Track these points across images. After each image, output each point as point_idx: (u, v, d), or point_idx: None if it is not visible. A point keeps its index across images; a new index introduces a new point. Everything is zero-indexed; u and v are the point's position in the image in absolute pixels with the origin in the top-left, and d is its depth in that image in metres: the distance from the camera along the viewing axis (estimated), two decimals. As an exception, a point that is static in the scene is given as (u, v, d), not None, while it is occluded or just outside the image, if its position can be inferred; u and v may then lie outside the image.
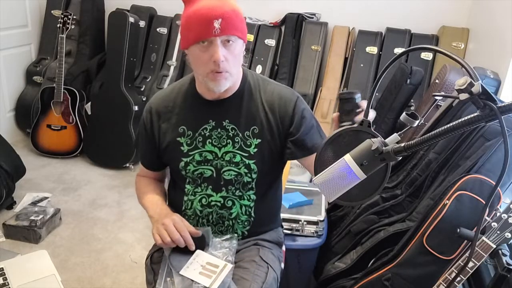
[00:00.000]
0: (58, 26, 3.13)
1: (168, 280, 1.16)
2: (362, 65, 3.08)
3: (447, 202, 1.38)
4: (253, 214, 1.31)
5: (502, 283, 1.28)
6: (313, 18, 3.28)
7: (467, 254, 1.22)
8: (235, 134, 1.25)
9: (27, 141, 3.37)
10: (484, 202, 1.34)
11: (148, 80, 3.41)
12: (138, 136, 1.39)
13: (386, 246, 1.61)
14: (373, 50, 3.09)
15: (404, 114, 1.41)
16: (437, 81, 2.34)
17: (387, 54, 3.06)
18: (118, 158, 3.18)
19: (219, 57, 1.10)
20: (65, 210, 2.58)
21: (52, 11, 3.48)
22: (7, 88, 3.37)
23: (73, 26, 3.18)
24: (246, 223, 1.32)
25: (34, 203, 2.56)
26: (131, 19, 3.10)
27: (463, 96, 0.65)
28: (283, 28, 3.31)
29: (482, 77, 2.14)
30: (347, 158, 0.73)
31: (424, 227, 1.42)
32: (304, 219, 1.80)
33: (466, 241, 1.32)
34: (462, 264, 1.18)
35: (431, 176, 1.69)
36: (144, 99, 3.27)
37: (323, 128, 1.34)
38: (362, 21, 3.20)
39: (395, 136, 0.74)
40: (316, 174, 0.77)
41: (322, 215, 1.83)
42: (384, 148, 0.72)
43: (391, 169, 0.78)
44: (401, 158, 0.73)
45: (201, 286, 1.13)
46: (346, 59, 3.17)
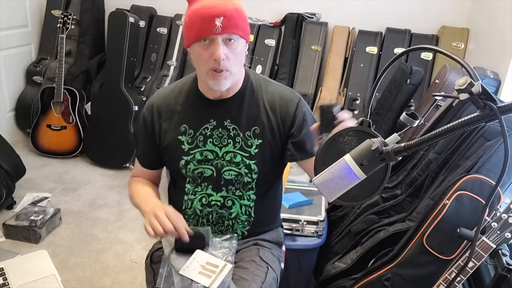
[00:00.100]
0: (58, 26, 3.13)
1: (168, 280, 1.16)
2: (362, 65, 3.08)
3: (447, 202, 1.38)
4: (253, 214, 1.31)
5: (502, 283, 1.28)
6: (313, 18, 3.28)
7: (467, 254, 1.22)
8: (236, 134, 1.25)
9: (27, 141, 3.37)
10: (484, 202, 1.34)
11: (148, 80, 3.41)
12: (137, 133, 1.37)
13: (386, 246, 1.61)
14: (373, 50, 3.09)
15: (404, 114, 1.40)
16: (437, 81, 2.34)
17: (387, 54, 3.06)
18: (118, 158, 3.19)
19: (220, 55, 1.10)
20: (65, 210, 2.58)
21: (52, 11, 3.48)
22: (7, 88, 3.37)
23: (73, 26, 3.18)
24: (246, 223, 1.32)
25: (34, 203, 2.56)
26: (131, 19, 3.10)
27: (463, 96, 0.65)
28: (283, 28, 3.31)
29: (482, 77, 2.14)
30: (347, 158, 0.73)
31: (424, 227, 1.42)
32: (304, 219, 1.80)
33: (466, 241, 1.32)
34: (462, 264, 1.18)
35: (431, 176, 1.69)
36: (144, 99, 3.27)
37: (323, 127, 1.33)
38: (362, 21, 3.20)
39: (395, 136, 0.74)
40: (316, 174, 0.77)
41: (322, 215, 1.83)
42: (384, 148, 0.72)
43: (391, 169, 0.78)
44: (401, 158, 0.73)
45: (200, 286, 1.13)
46: (346, 59, 3.16)
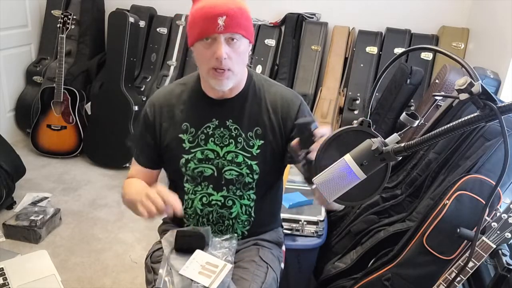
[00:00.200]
0: (58, 26, 3.13)
1: (167, 279, 1.16)
2: (362, 65, 3.08)
3: (447, 202, 1.38)
4: (253, 214, 1.31)
5: (502, 283, 1.28)
6: (313, 18, 3.28)
7: (467, 254, 1.22)
8: (238, 134, 1.25)
9: (27, 141, 3.37)
10: (484, 202, 1.34)
11: (148, 80, 3.41)
12: (137, 131, 1.35)
13: (386, 246, 1.61)
14: (373, 50, 3.09)
15: (404, 114, 1.40)
16: (437, 81, 2.34)
17: (387, 54, 3.06)
18: (118, 158, 3.18)
19: (222, 54, 1.10)
20: (65, 210, 2.58)
21: (52, 11, 3.48)
22: (7, 88, 3.37)
23: (73, 26, 3.18)
24: (246, 223, 1.32)
25: (34, 203, 2.56)
26: (131, 19, 3.10)
27: (463, 96, 0.65)
28: (283, 28, 3.31)
29: (482, 77, 2.14)
30: (347, 158, 0.73)
31: (424, 227, 1.42)
32: (304, 219, 1.80)
33: (466, 241, 1.32)
34: (462, 264, 1.18)
35: (431, 176, 1.69)
36: (144, 99, 3.26)
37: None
38: (362, 21, 3.20)
39: (395, 136, 0.74)
40: (316, 174, 0.77)
41: (322, 215, 1.83)
42: (384, 148, 0.72)
43: (391, 169, 0.78)
44: (401, 158, 0.73)
45: (200, 286, 1.13)
46: (346, 59, 3.16)
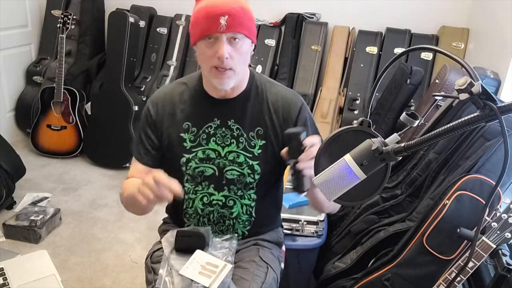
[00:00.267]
0: (58, 26, 3.13)
1: (167, 280, 1.16)
2: (362, 65, 3.08)
3: (447, 202, 1.38)
4: (254, 214, 1.31)
5: (502, 283, 1.28)
6: (313, 18, 3.28)
7: (467, 254, 1.22)
8: (240, 134, 1.25)
9: (27, 141, 3.37)
10: (484, 202, 1.34)
11: (148, 80, 3.41)
12: (139, 130, 1.32)
13: (386, 246, 1.61)
14: (373, 50, 3.09)
15: (404, 114, 1.41)
16: (437, 81, 2.34)
17: (387, 54, 3.06)
18: (118, 158, 3.18)
19: (223, 53, 1.10)
20: (65, 210, 2.58)
21: (52, 11, 3.48)
22: (7, 88, 3.37)
23: (73, 26, 3.18)
24: (246, 223, 1.32)
25: (34, 203, 2.56)
26: (131, 19, 3.10)
27: (463, 96, 0.65)
28: (283, 28, 3.31)
29: (482, 77, 2.14)
30: (347, 158, 0.73)
31: (424, 227, 1.42)
32: (304, 219, 1.80)
33: (466, 241, 1.32)
34: (462, 264, 1.18)
35: (431, 176, 1.69)
36: (144, 99, 3.26)
37: (323, 127, 1.34)
38: (362, 21, 3.20)
39: (395, 136, 0.74)
40: (316, 174, 0.77)
41: (322, 215, 1.83)
42: (384, 148, 0.72)
43: (391, 169, 0.78)
44: (401, 158, 0.73)
45: (200, 286, 1.13)
46: (346, 59, 3.16)
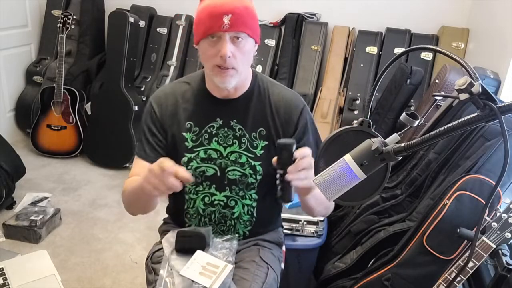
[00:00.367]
0: (58, 26, 3.13)
1: (168, 280, 1.16)
2: (362, 65, 3.08)
3: (447, 202, 1.38)
4: (255, 214, 1.31)
5: (502, 283, 1.28)
6: (313, 18, 3.28)
7: (467, 254, 1.22)
8: (242, 134, 1.25)
9: (27, 141, 3.37)
10: (484, 202, 1.34)
11: (148, 80, 3.41)
12: (142, 127, 1.30)
13: (386, 246, 1.61)
14: (373, 50, 3.09)
15: (404, 114, 1.41)
16: (437, 81, 2.34)
17: (387, 54, 3.06)
18: (118, 158, 3.19)
19: (226, 52, 1.10)
20: (65, 210, 2.58)
21: (52, 11, 3.48)
22: (7, 88, 3.37)
23: (73, 26, 3.18)
24: (248, 223, 1.32)
25: (34, 203, 2.56)
26: (131, 19, 3.10)
27: (463, 96, 0.65)
28: (283, 28, 3.31)
29: (482, 77, 2.14)
30: (347, 158, 0.73)
31: (424, 227, 1.42)
32: (304, 219, 1.80)
33: (466, 241, 1.32)
34: (462, 264, 1.18)
35: (431, 176, 1.69)
36: (144, 99, 3.26)
37: (323, 127, 1.34)
38: (362, 21, 3.20)
39: (395, 136, 0.74)
40: (316, 174, 0.77)
41: (322, 215, 1.83)
42: (384, 148, 0.72)
43: (391, 169, 0.78)
44: (401, 158, 0.73)
45: (201, 287, 1.13)
46: (346, 59, 3.16)
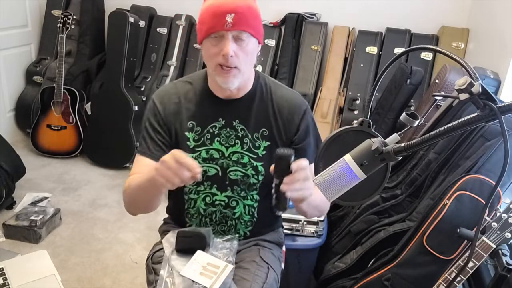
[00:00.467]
0: (58, 26, 3.13)
1: (168, 280, 1.16)
2: (362, 65, 3.08)
3: (447, 202, 1.38)
4: (256, 215, 1.31)
5: (502, 283, 1.28)
6: (313, 18, 3.28)
7: (467, 254, 1.22)
8: (244, 135, 1.25)
9: (27, 141, 3.37)
10: (484, 202, 1.34)
11: (148, 80, 3.41)
12: (145, 125, 1.27)
13: (386, 246, 1.61)
14: (373, 50, 3.09)
15: (404, 114, 1.41)
16: (437, 81, 2.34)
17: (387, 54, 3.05)
18: (118, 158, 3.18)
19: (228, 51, 1.09)
20: (65, 210, 2.58)
21: (52, 11, 3.48)
22: (7, 88, 3.37)
23: (73, 26, 3.18)
24: (248, 223, 1.32)
25: (34, 203, 2.56)
26: (131, 19, 3.10)
27: (463, 96, 0.65)
28: (283, 28, 3.31)
29: (482, 77, 2.14)
30: (347, 158, 0.73)
31: (424, 227, 1.42)
32: (304, 219, 1.80)
33: (466, 241, 1.32)
34: (462, 264, 1.18)
35: (431, 176, 1.69)
36: (144, 99, 3.26)
37: (323, 127, 1.34)
38: (362, 21, 3.20)
39: (395, 136, 0.74)
40: (316, 174, 0.77)
41: (322, 215, 1.83)
42: (384, 148, 0.72)
43: (391, 169, 0.78)
44: (401, 158, 0.73)
45: (201, 287, 1.13)
46: (346, 59, 3.16)
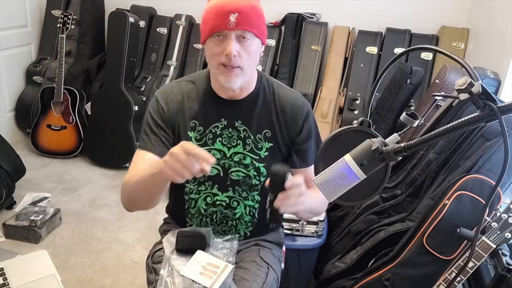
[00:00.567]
0: (58, 26, 3.13)
1: (168, 280, 1.16)
2: (362, 65, 3.08)
3: (447, 202, 1.38)
4: (256, 215, 1.31)
5: (502, 283, 1.28)
6: (313, 18, 3.28)
7: (467, 254, 1.22)
8: (247, 136, 1.25)
9: (27, 141, 3.37)
10: (484, 202, 1.34)
11: (148, 80, 3.41)
12: (147, 121, 1.25)
13: (386, 246, 1.62)
14: (373, 50, 3.09)
15: (404, 114, 1.41)
16: (437, 81, 2.34)
17: (387, 54, 3.06)
18: (118, 158, 3.18)
19: (231, 50, 1.09)
20: (65, 210, 2.58)
21: (52, 11, 3.48)
22: (7, 88, 3.37)
23: (73, 26, 3.18)
24: (249, 224, 1.32)
25: (34, 203, 2.56)
26: (131, 19, 3.10)
27: (463, 96, 0.65)
28: (283, 28, 3.31)
29: (482, 77, 2.14)
30: (347, 158, 0.73)
31: (424, 227, 1.42)
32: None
33: (466, 241, 1.32)
34: (462, 264, 1.18)
35: (431, 176, 1.69)
36: (144, 99, 3.26)
37: (323, 127, 1.35)
38: (362, 21, 3.20)
39: (395, 136, 0.74)
40: (316, 174, 0.77)
41: (322, 215, 1.83)
42: (384, 148, 0.72)
43: (391, 169, 0.78)
44: (401, 158, 0.73)
45: (201, 287, 1.13)
46: (346, 59, 3.16)
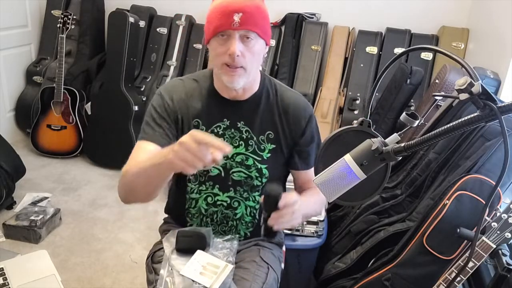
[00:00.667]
0: (58, 26, 3.13)
1: (168, 280, 1.16)
2: (362, 65, 3.08)
3: (447, 202, 1.38)
4: (257, 216, 1.31)
5: (502, 283, 1.28)
6: (313, 18, 3.28)
7: (467, 254, 1.22)
8: (249, 137, 1.25)
9: (27, 141, 3.37)
10: (484, 202, 1.34)
11: (148, 80, 3.41)
12: (150, 114, 1.23)
13: (386, 246, 1.62)
14: (373, 50, 3.09)
15: (404, 114, 1.41)
16: (437, 81, 2.34)
17: (387, 54, 3.06)
18: (118, 158, 3.12)
19: (235, 50, 1.09)
20: (65, 210, 2.58)
21: (52, 11, 3.48)
22: (7, 88, 3.37)
23: (73, 26, 3.18)
24: (249, 224, 1.32)
25: (34, 203, 2.56)
26: (131, 19, 3.10)
27: (463, 96, 0.65)
28: (283, 28, 3.31)
29: (482, 77, 2.14)
30: (347, 158, 0.73)
31: (424, 227, 1.42)
32: (304, 219, 1.80)
33: (466, 241, 1.32)
34: (462, 264, 1.18)
35: (431, 176, 1.69)
36: (144, 99, 3.26)
37: (323, 127, 1.35)
38: (362, 21, 3.20)
39: (395, 136, 0.74)
40: (316, 174, 0.77)
41: (322, 215, 1.83)
42: (384, 148, 0.72)
43: (391, 169, 0.78)
44: (401, 158, 0.73)
45: (201, 287, 1.13)
46: (346, 59, 3.17)
